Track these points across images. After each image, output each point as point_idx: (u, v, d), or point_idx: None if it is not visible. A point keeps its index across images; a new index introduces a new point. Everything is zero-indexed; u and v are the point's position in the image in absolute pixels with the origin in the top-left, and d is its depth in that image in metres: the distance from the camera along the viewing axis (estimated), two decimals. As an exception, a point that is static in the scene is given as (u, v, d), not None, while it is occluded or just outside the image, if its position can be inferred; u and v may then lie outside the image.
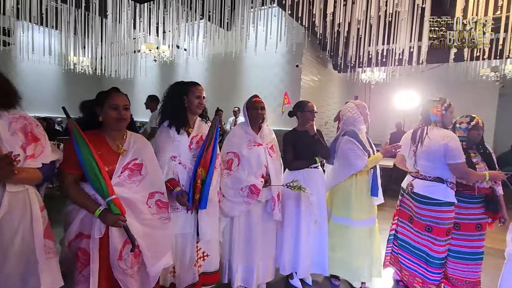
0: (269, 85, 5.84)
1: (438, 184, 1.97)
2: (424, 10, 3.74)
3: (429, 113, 2.05)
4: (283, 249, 2.11)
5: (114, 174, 1.32)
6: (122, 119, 1.38)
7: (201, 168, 1.64)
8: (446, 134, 1.94)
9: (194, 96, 1.72)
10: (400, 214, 2.23)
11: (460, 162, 1.90)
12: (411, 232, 2.12)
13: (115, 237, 1.29)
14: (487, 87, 6.63)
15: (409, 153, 2.14)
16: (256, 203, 1.96)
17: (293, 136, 2.18)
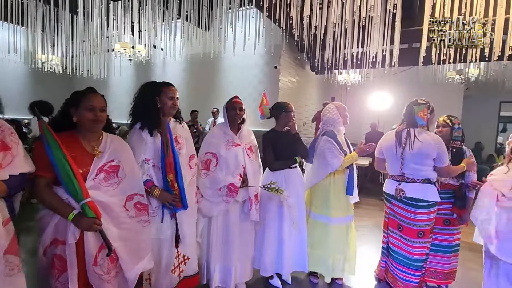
0: (248, 86, 5.86)
1: (427, 185, 2.01)
2: (395, 16, 3.92)
3: (416, 116, 2.05)
4: (265, 250, 2.13)
5: (88, 176, 1.27)
6: (99, 120, 1.33)
7: (170, 174, 1.60)
8: (436, 139, 1.99)
9: (167, 97, 1.67)
10: (390, 223, 2.19)
11: (448, 164, 1.99)
12: (401, 242, 2.09)
13: (90, 242, 1.24)
14: (453, 89, 7.04)
15: (394, 155, 2.10)
16: (233, 203, 1.97)
17: (273, 137, 2.20)
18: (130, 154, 1.47)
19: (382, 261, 2.33)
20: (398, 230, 2.11)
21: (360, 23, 3.95)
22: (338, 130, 2.27)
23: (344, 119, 2.30)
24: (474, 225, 2.19)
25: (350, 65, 5.15)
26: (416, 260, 2.04)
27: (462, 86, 6.96)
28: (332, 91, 7.91)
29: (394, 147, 2.09)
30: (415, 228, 2.02)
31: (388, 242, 2.22)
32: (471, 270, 2.72)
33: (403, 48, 5.47)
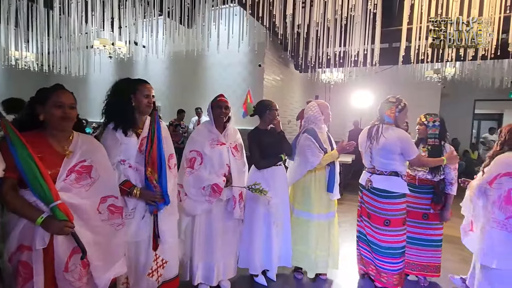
0: (232, 84, 5.83)
1: (394, 177, 2.11)
2: (375, 16, 4.02)
3: (384, 114, 2.16)
4: (252, 249, 2.14)
5: (58, 177, 1.20)
6: (68, 118, 1.26)
7: (149, 169, 1.54)
8: (399, 134, 2.08)
9: (143, 95, 1.59)
10: (362, 211, 2.31)
11: (416, 156, 2.08)
12: (372, 230, 2.20)
13: (60, 247, 1.18)
14: (431, 88, 7.30)
15: (365, 149, 2.25)
16: (217, 201, 1.96)
17: (258, 135, 2.21)
18: (103, 154, 1.41)
19: (357, 249, 2.41)
20: (367, 218, 2.23)
21: (342, 22, 4.01)
22: (319, 127, 2.29)
23: (326, 117, 2.32)
24: (451, 218, 2.30)
25: (333, 63, 5.23)
26: (388, 247, 2.12)
27: (439, 84, 7.23)
28: (316, 90, 8.01)
29: (365, 142, 2.24)
30: (381, 216, 2.13)
31: (360, 232, 2.34)
32: (447, 260, 2.84)
33: (384, 47, 5.62)
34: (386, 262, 2.15)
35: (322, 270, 2.31)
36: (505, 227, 1.70)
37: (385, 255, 2.14)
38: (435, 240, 2.34)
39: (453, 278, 2.36)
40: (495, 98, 8.28)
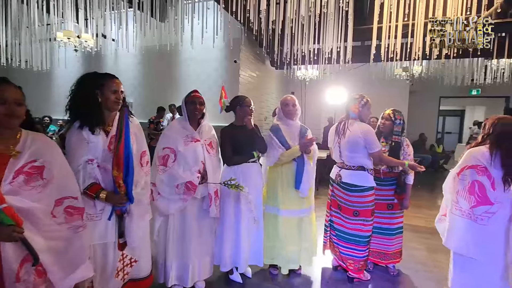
0: (207, 80, 5.73)
1: (361, 172, 2.21)
2: (348, 14, 4.10)
3: (349, 110, 2.28)
4: (224, 246, 2.11)
5: (3, 180, 1.09)
6: (12, 115, 1.15)
7: (115, 167, 1.45)
8: (363, 128, 2.18)
9: (110, 90, 1.50)
10: (332, 203, 2.41)
11: (377, 150, 2.17)
12: (341, 219, 2.31)
13: (9, 255, 1.07)
14: (400, 85, 7.63)
15: (334, 145, 2.33)
16: (191, 200, 1.92)
17: (231, 131, 2.17)
18: (58, 153, 1.30)
19: (324, 237, 2.52)
20: (338, 210, 2.34)
21: (315, 20, 4.06)
22: (287, 123, 2.29)
23: (285, 113, 2.28)
24: (417, 209, 2.41)
25: (308, 60, 5.29)
26: (355, 235, 2.25)
27: (407, 82, 7.57)
28: (292, 86, 8.10)
29: (334, 137, 2.33)
30: (350, 208, 2.25)
31: (330, 220, 2.43)
32: (414, 249, 2.99)
33: (356, 45, 5.77)
34: (351, 248, 2.27)
35: (294, 266, 2.33)
36: (469, 216, 1.78)
37: (351, 242, 2.26)
38: (399, 228, 2.48)
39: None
40: (458, 95, 8.83)
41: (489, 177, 1.74)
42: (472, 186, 1.77)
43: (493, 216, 1.72)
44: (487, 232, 1.73)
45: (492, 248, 1.73)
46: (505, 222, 1.71)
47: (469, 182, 1.79)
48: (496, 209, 1.71)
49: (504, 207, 1.70)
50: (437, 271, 2.56)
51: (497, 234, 1.72)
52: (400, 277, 2.46)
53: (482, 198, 1.73)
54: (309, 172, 2.23)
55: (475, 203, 1.76)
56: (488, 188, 1.73)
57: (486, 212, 1.73)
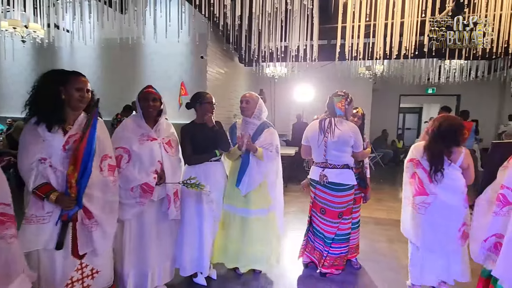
0: (173, 75, 5.51)
1: (347, 170, 2.22)
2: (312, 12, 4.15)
3: (335, 107, 2.23)
4: (184, 249, 2.02)
5: None
6: None
7: (71, 167, 1.37)
8: (353, 127, 2.19)
9: (74, 88, 1.43)
10: (314, 206, 2.37)
11: (362, 150, 2.26)
12: (325, 225, 2.28)
13: None
14: (364, 84, 7.93)
15: (318, 143, 2.23)
16: (149, 203, 1.81)
17: (192, 129, 2.09)
18: None
19: (303, 240, 2.48)
20: (321, 214, 2.30)
21: (281, 16, 4.07)
22: (244, 120, 2.25)
23: (241, 110, 2.24)
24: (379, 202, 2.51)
25: (275, 58, 5.30)
26: (338, 234, 2.29)
27: (370, 81, 7.90)
28: (261, 83, 8.09)
29: (317, 135, 2.23)
30: (335, 210, 2.24)
31: (312, 224, 2.41)
32: (376, 241, 3.12)
33: (323, 44, 5.89)
34: (336, 248, 2.30)
35: (256, 267, 2.26)
36: (412, 205, 1.95)
37: (336, 242, 2.29)
38: (358, 222, 2.57)
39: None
40: (416, 93, 9.40)
41: (424, 170, 1.90)
42: (413, 177, 1.97)
43: (429, 207, 1.87)
44: (424, 221, 1.89)
45: (429, 237, 1.90)
46: (443, 214, 1.85)
47: (411, 174, 1.98)
48: (431, 200, 1.86)
49: (439, 199, 1.86)
50: (396, 260, 2.69)
51: (433, 224, 1.87)
52: (362, 269, 2.54)
53: (420, 188, 1.90)
54: (252, 172, 2.12)
55: (415, 192, 1.93)
56: (424, 180, 1.90)
57: (423, 203, 1.89)
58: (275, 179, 2.26)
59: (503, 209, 1.50)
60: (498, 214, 1.52)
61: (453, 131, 1.86)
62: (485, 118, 8.24)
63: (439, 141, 1.87)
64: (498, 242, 1.52)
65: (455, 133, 1.87)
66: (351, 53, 4.57)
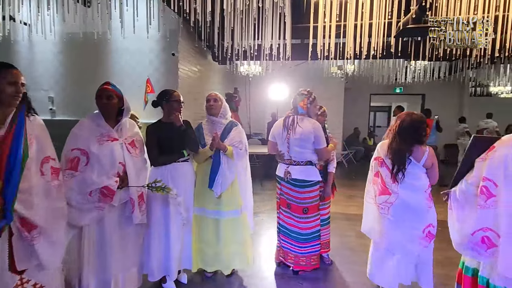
0: (143, 73, 5.29)
1: (310, 167, 2.25)
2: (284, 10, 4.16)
3: (297, 105, 2.28)
4: (151, 254, 1.94)
5: None
6: None
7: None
8: (314, 124, 2.22)
9: (7, 82, 1.29)
10: (281, 203, 2.38)
11: (324, 146, 2.25)
12: (292, 219, 2.30)
13: None
14: (336, 83, 8.14)
15: (282, 140, 2.30)
16: (110, 207, 1.70)
17: (158, 129, 2.00)
18: None
19: (278, 241, 2.48)
20: (287, 209, 2.33)
21: (252, 14, 4.04)
22: (211, 120, 2.20)
23: (206, 109, 2.19)
24: (350, 198, 2.55)
25: (249, 56, 5.27)
26: (306, 233, 2.29)
27: (342, 80, 8.11)
28: (236, 82, 8.03)
29: (282, 132, 2.28)
30: (300, 205, 2.26)
31: (283, 223, 2.39)
32: (346, 237, 3.20)
33: (297, 43, 5.95)
34: (305, 247, 2.29)
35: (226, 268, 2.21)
36: (375, 204, 1.93)
37: (305, 241, 2.28)
38: (328, 218, 2.61)
39: None
40: (385, 92, 9.79)
41: (388, 168, 1.88)
42: (376, 176, 1.94)
43: (391, 206, 1.83)
44: (387, 221, 1.86)
45: (392, 237, 1.86)
46: (405, 214, 1.82)
47: (374, 173, 1.96)
48: (394, 199, 1.83)
49: (400, 198, 1.82)
50: (365, 255, 2.76)
51: (396, 224, 1.83)
52: (333, 264, 2.58)
53: (383, 188, 1.87)
54: (225, 172, 2.08)
55: (377, 191, 1.90)
56: (386, 179, 1.87)
57: (386, 202, 1.86)
58: (244, 177, 2.25)
59: (488, 202, 1.49)
60: (483, 207, 1.51)
61: (415, 128, 1.84)
62: (447, 116, 8.75)
63: (401, 139, 1.84)
64: (485, 236, 1.50)
65: (416, 130, 1.84)
66: (323, 52, 4.65)
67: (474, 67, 6.45)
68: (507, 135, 1.55)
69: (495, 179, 1.48)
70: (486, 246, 1.49)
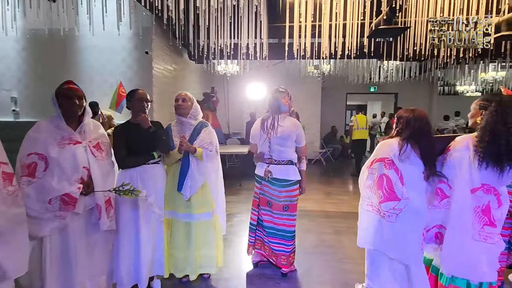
0: (114, 72, 5.07)
1: (290, 166, 2.25)
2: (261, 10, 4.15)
3: (280, 103, 2.23)
4: (120, 261, 1.84)
5: None
6: None
7: None
8: (295, 123, 2.23)
9: None
10: (260, 202, 2.35)
11: (305, 144, 2.29)
12: (272, 217, 2.30)
13: None
14: (313, 82, 8.25)
15: (261, 141, 2.26)
16: (74, 215, 1.60)
17: (126, 130, 1.91)
18: None
19: (250, 237, 2.46)
20: (268, 207, 2.32)
21: (227, 12, 3.99)
22: (180, 120, 2.12)
23: (175, 109, 2.10)
24: (328, 195, 2.56)
25: (226, 55, 5.21)
26: (292, 231, 2.30)
27: (319, 79, 8.24)
28: (214, 81, 7.93)
29: (260, 134, 2.27)
30: (280, 203, 2.27)
31: (259, 219, 2.40)
32: (324, 234, 3.24)
33: (274, 42, 5.96)
34: (281, 244, 2.29)
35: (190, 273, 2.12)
36: (378, 211, 1.70)
37: (280, 237, 2.28)
38: None
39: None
40: (360, 91, 10.07)
41: (397, 171, 1.64)
42: (380, 180, 1.67)
43: (400, 213, 1.62)
44: (395, 230, 1.64)
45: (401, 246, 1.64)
46: (416, 221, 1.63)
47: (378, 176, 1.69)
48: (403, 206, 1.61)
49: (412, 204, 1.61)
50: (342, 251, 2.81)
51: (405, 233, 1.62)
52: (310, 262, 2.59)
53: (390, 193, 1.63)
54: (194, 174, 2.00)
55: (382, 198, 1.65)
56: (396, 183, 1.63)
57: (393, 209, 1.63)
58: (215, 179, 2.19)
59: (441, 203, 1.61)
60: (437, 207, 1.61)
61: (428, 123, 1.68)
62: (418, 114, 9.12)
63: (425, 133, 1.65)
64: (439, 232, 1.64)
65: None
66: (300, 52, 4.69)
67: (441, 67, 6.78)
68: (459, 137, 1.64)
69: (449, 181, 1.59)
70: (439, 241, 1.63)
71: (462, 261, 1.52)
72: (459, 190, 1.54)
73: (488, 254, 1.51)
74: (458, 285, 1.55)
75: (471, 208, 1.51)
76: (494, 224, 1.51)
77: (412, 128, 1.66)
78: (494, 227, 1.51)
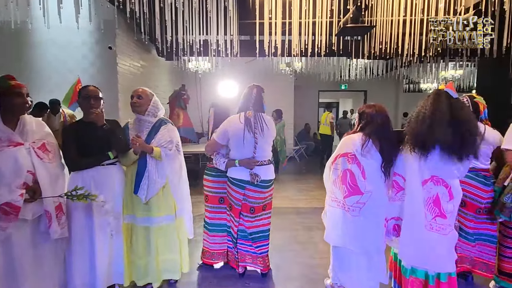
0: (75, 68, 4.74)
1: (271, 165, 2.23)
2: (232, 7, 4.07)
3: (262, 103, 2.19)
4: (73, 271, 1.71)
5: None
6: None
7: None
8: (271, 121, 2.24)
9: None
10: (242, 209, 2.16)
11: None
12: (253, 221, 2.18)
13: None
14: (286, 80, 8.31)
15: (243, 142, 2.05)
16: (19, 224, 1.45)
17: (77, 129, 1.76)
18: None
19: (230, 253, 2.32)
20: (250, 213, 2.18)
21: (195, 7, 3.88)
22: (138, 118, 2.01)
23: (132, 105, 1.96)
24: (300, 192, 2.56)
25: (196, 52, 5.07)
26: (264, 230, 2.26)
27: (292, 77, 8.31)
28: (185, 79, 7.71)
29: (243, 133, 2.05)
30: (261, 204, 2.21)
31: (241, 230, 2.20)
32: (295, 230, 3.25)
33: (245, 40, 5.89)
34: (264, 245, 2.24)
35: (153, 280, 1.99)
36: (342, 206, 1.72)
37: (263, 239, 2.23)
38: None
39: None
40: (332, 89, 10.31)
41: (359, 165, 1.68)
42: (344, 175, 1.71)
43: (363, 207, 1.67)
44: (359, 223, 1.68)
45: (365, 238, 1.70)
46: (377, 213, 1.68)
47: (342, 171, 1.72)
48: (366, 199, 1.66)
49: (374, 197, 1.67)
50: (312, 247, 2.84)
51: (368, 225, 1.68)
52: (281, 259, 2.58)
53: (353, 187, 1.67)
54: (151, 176, 1.88)
55: (346, 192, 1.69)
56: (358, 177, 1.67)
57: (357, 203, 1.68)
58: (178, 180, 2.05)
59: (397, 195, 1.67)
60: (394, 200, 1.68)
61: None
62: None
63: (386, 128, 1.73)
64: (397, 224, 1.69)
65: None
66: (270, 49, 4.67)
67: (406, 65, 7.09)
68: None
69: (403, 174, 1.65)
70: (396, 233, 1.69)
71: (418, 251, 1.58)
72: (410, 182, 1.60)
73: (442, 244, 1.56)
74: (418, 277, 1.60)
75: (423, 199, 1.56)
76: (445, 215, 1.56)
77: (376, 122, 1.73)
78: (445, 218, 1.56)
